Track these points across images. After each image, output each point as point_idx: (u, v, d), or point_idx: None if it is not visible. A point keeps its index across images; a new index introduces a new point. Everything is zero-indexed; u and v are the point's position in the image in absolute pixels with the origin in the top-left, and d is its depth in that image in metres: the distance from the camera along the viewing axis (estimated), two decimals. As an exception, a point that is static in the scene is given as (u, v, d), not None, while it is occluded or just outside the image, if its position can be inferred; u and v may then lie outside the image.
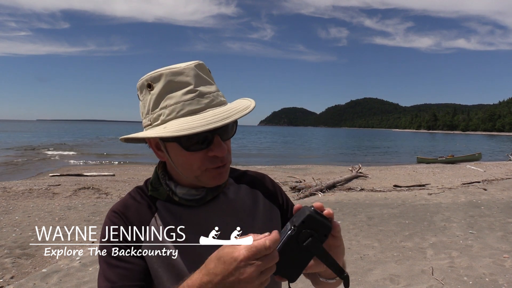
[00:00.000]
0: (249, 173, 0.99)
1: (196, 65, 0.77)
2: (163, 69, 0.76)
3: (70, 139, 48.89)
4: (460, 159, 22.91)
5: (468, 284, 3.80)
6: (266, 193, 0.95)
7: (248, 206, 0.90)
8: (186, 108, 0.74)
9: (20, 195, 8.85)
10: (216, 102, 0.76)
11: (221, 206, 0.86)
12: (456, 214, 6.84)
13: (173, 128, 0.71)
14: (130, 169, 17.89)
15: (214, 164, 0.78)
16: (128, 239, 0.80)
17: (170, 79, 0.74)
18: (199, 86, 0.75)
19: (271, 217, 0.93)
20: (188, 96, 0.74)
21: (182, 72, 0.74)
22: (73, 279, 3.91)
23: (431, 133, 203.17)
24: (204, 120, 0.71)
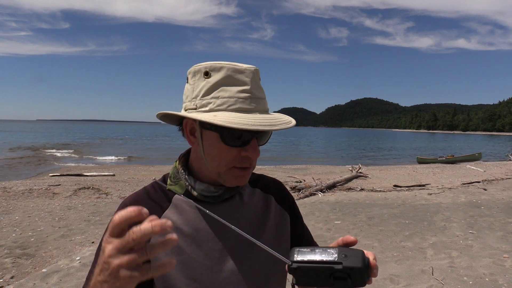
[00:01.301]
0: (264, 177, 1.01)
1: (255, 70, 0.80)
2: (225, 63, 0.79)
3: (70, 139, 48.90)
4: (460, 159, 22.92)
5: (468, 284, 3.80)
6: (279, 199, 0.98)
7: (260, 209, 0.92)
8: (237, 104, 0.76)
9: (20, 195, 8.85)
10: (263, 108, 0.79)
11: (236, 206, 0.88)
12: (456, 214, 6.84)
13: (224, 119, 0.73)
14: (130, 169, 17.89)
15: (242, 164, 0.80)
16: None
17: (230, 74, 0.77)
18: (254, 89, 0.78)
19: (282, 222, 0.95)
20: (242, 95, 0.77)
21: (243, 71, 0.78)
22: (73, 279, 3.91)
23: (431, 133, 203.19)
24: (254, 120, 0.74)
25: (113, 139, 53.85)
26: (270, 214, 0.93)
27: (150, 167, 19.34)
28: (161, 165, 20.51)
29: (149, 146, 41.10)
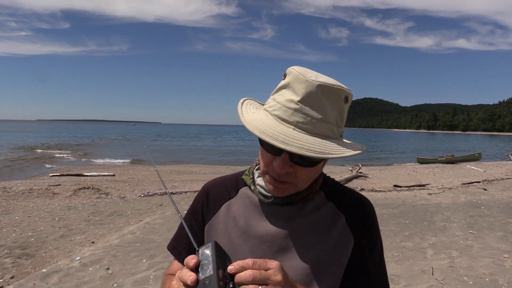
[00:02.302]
0: (348, 194, 0.90)
1: (321, 85, 0.71)
2: (298, 70, 0.74)
3: (70, 139, 48.88)
4: (460, 159, 22.93)
5: (468, 284, 3.80)
6: (351, 220, 0.85)
7: (322, 224, 0.84)
8: (279, 112, 0.74)
9: (20, 195, 8.85)
10: (306, 127, 0.72)
11: (293, 213, 0.84)
12: (456, 214, 6.84)
13: (252, 120, 0.74)
14: (130, 169, 17.89)
15: (272, 173, 0.78)
16: (199, 212, 0.94)
17: (292, 81, 0.74)
18: (306, 103, 0.71)
19: (342, 244, 0.83)
20: (287, 104, 0.73)
21: (303, 82, 0.72)
22: (73, 279, 3.91)
23: (431, 133, 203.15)
24: (276, 133, 0.70)
25: (113, 139, 53.83)
26: (333, 232, 0.83)
27: (150, 167, 19.34)
28: (161, 165, 20.51)
29: (154, 147, 41.08)
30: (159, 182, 12.29)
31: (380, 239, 0.88)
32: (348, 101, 0.77)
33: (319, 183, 0.87)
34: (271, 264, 0.62)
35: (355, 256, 0.82)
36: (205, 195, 0.96)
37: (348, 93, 0.75)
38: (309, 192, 0.84)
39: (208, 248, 0.65)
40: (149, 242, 5.21)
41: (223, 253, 0.67)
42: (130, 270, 4.18)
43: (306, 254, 0.80)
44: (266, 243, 0.83)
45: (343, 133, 0.80)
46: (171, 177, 14.26)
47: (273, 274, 0.61)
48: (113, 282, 3.83)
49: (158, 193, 9.79)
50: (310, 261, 0.80)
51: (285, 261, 0.81)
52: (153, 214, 7.16)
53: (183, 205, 7.98)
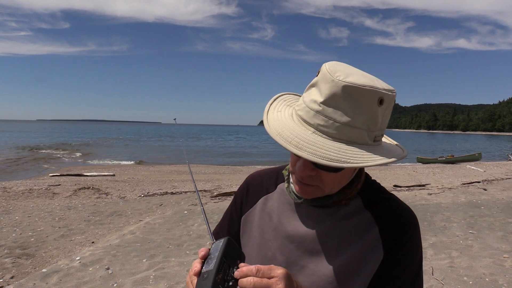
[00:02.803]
0: (387, 202, 0.82)
1: (349, 86, 0.65)
2: (329, 67, 0.69)
3: (70, 139, 48.90)
4: (460, 159, 22.94)
5: (468, 284, 3.80)
6: (385, 233, 0.77)
7: (351, 234, 0.79)
8: (302, 112, 0.70)
9: (20, 195, 8.85)
10: (328, 130, 0.67)
11: (324, 216, 0.81)
12: (456, 214, 6.84)
13: (277, 123, 0.72)
14: (130, 169, 17.90)
15: (296, 175, 0.77)
16: (239, 202, 0.96)
17: (319, 80, 0.70)
18: (329, 105, 0.66)
19: (371, 259, 0.77)
20: (311, 105, 0.69)
21: (328, 81, 0.67)
22: (73, 279, 3.91)
23: (431, 133, 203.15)
24: (291, 135, 0.67)
25: (113, 139, 53.82)
26: (363, 243, 0.77)
27: (150, 167, 19.35)
28: (161, 165, 20.51)
29: (156, 147, 41.06)
30: (159, 182, 12.29)
31: (418, 258, 0.78)
32: (384, 103, 0.68)
33: (356, 189, 0.80)
34: (275, 273, 0.62)
35: (382, 271, 0.76)
36: (246, 187, 0.97)
37: (383, 94, 0.67)
38: (342, 197, 0.79)
39: (220, 244, 0.67)
40: (149, 242, 5.21)
41: (236, 251, 0.68)
42: (130, 270, 4.18)
43: (332, 261, 0.77)
44: (294, 243, 0.82)
45: (380, 137, 0.73)
46: (171, 177, 14.26)
47: (275, 283, 0.60)
48: (113, 282, 3.83)
49: (158, 193, 9.79)
50: (334, 269, 0.77)
51: (310, 264, 0.79)
52: (153, 214, 7.16)
53: (183, 205, 7.98)
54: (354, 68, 0.71)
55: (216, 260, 0.64)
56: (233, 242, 0.68)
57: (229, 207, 0.99)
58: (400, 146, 0.79)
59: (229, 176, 14.81)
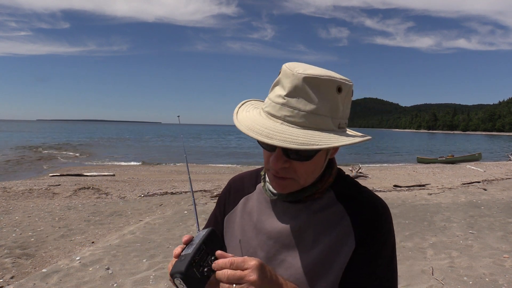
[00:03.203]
0: (360, 195, 0.85)
1: (308, 77, 0.70)
2: (288, 65, 0.75)
3: (70, 139, 48.89)
4: (460, 159, 22.93)
5: (468, 284, 3.80)
6: (357, 223, 0.80)
7: (325, 227, 0.81)
8: (269, 108, 0.75)
9: (20, 195, 8.85)
10: (295, 120, 0.71)
11: (298, 211, 0.84)
12: (456, 214, 6.84)
13: (247, 120, 0.76)
14: (130, 169, 17.90)
15: (272, 170, 0.79)
16: (222, 204, 1.01)
17: (281, 77, 0.75)
18: (292, 97, 0.71)
19: (343, 250, 0.79)
20: (276, 99, 0.74)
21: (289, 76, 0.72)
22: (73, 279, 3.91)
23: (431, 133, 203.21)
24: (262, 128, 0.71)
25: (113, 139, 53.82)
26: (336, 235, 0.80)
27: (150, 167, 19.36)
28: (161, 165, 20.52)
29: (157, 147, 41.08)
30: (159, 182, 12.29)
31: (389, 248, 0.81)
32: (343, 91, 0.73)
33: (327, 182, 0.84)
34: (248, 264, 0.65)
35: (354, 261, 0.78)
36: (228, 189, 1.02)
37: (341, 82, 0.72)
38: (315, 191, 0.82)
39: (202, 233, 0.73)
40: (149, 242, 5.21)
41: (218, 242, 0.73)
42: (130, 270, 4.18)
43: (307, 254, 0.80)
44: (272, 239, 0.85)
45: (345, 124, 0.77)
46: (171, 177, 14.26)
47: (248, 274, 0.64)
48: (113, 282, 3.83)
49: (158, 193, 9.79)
50: (310, 261, 0.79)
51: (288, 258, 0.82)
52: (153, 214, 7.16)
53: (183, 205, 7.98)
54: (312, 66, 0.77)
55: (195, 246, 0.69)
56: (216, 233, 0.74)
57: (213, 209, 1.04)
58: (364, 135, 0.81)
59: (229, 176, 14.78)
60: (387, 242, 0.81)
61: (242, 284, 0.63)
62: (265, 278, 0.65)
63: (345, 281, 0.77)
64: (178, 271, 0.65)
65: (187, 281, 0.65)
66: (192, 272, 0.66)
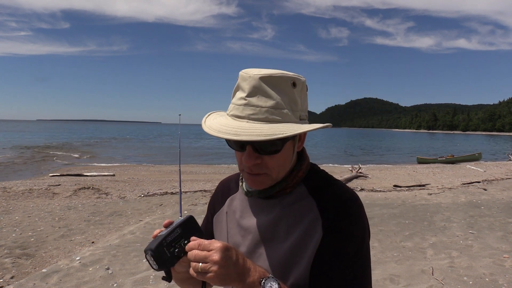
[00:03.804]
0: (331, 188, 0.87)
1: (263, 77, 0.77)
2: (244, 70, 0.81)
3: (70, 139, 48.89)
4: (460, 159, 22.93)
5: (468, 284, 3.80)
6: (324, 214, 0.82)
7: (295, 219, 0.85)
8: (233, 111, 0.80)
9: (20, 195, 8.85)
10: (258, 117, 0.76)
11: (271, 206, 0.89)
12: (456, 214, 6.84)
13: (215, 124, 0.80)
14: (130, 169, 17.90)
15: (246, 169, 0.84)
16: (212, 205, 1.08)
17: (239, 81, 0.81)
18: (252, 96, 0.77)
19: (311, 240, 0.81)
20: (238, 102, 0.79)
21: (246, 79, 0.78)
22: (73, 279, 3.91)
23: (431, 133, 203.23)
24: (228, 128, 0.76)
25: (113, 139, 53.81)
26: (305, 226, 0.83)
27: (150, 167, 19.35)
28: (161, 165, 20.51)
29: (157, 147, 41.07)
30: (159, 182, 12.29)
31: (357, 238, 0.81)
32: (297, 85, 0.80)
33: (297, 177, 0.88)
34: (213, 246, 0.71)
35: (321, 251, 0.80)
36: (217, 191, 1.09)
37: (294, 78, 0.79)
38: (285, 185, 0.87)
39: (181, 218, 0.79)
40: (149, 242, 5.21)
41: (195, 228, 0.79)
42: (130, 270, 4.18)
43: (281, 246, 0.84)
44: (250, 234, 0.90)
45: (306, 116, 0.83)
46: (171, 177, 14.26)
47: (211, 254, 0.70)
48: (113, 282, 3.83)
49: (158, 193, 9.79)
50: (283, 252, 0.84)
51: (264, 251, 0.87)
52: (153, 214, 7.16)
53: (183, 205, 7.98)
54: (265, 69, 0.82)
55: (170, 228, 0.76)
56: (194, 220, 0.80)
57: (206, 212, 1.13)
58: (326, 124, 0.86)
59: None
60: (353, 232, 0.82)
61: (206, 263, 0.69)
62: (229, 259, 0.70)
63: (314, 269, 0.80)
64: (149, 248, 0.73)
65: (156, 258, 0.73)
66: (162, 251, 0.73)
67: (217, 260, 0.69)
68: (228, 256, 0.70)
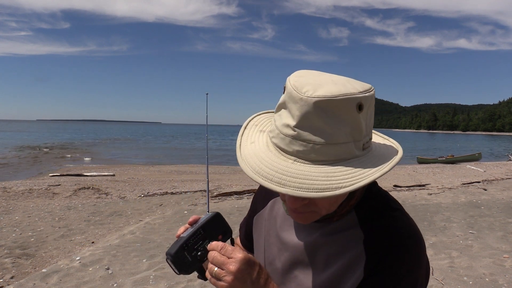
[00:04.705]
0: (385, 220, 0.72)
1: (320, 101, 0.58)
2: (294, 82, 0.62)
3: (70, 139, 48.90)
4: (460, 159, 22.93)
5: (468, 284, 3.80)
6: (370, 252, 0.70)
7: (339, 250, 0.73)
8: (277, 139, 0.64)
9: (20, 195, 8.85)
10: (309, 156, 0.60)
11: (315, 230, 0.77)
12: (456, 214, 6.84)
13: (253, 158, 0.65)
14: (130, 169, 17.89)
15: (287, 205, 0.71)
16: (255, 202, 0.99)
17: (286, 99, 0.63)
18: (304, 127, 0.60)
19: (350, 277, 0.71)
20: (284, 130, 0.62)
21: (297, 101, 0.60)
22: (73, 279, 3.91)
23: (431, 133, 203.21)
24: (271, 171, 0.61)
25: (113, 139, 53.80)
26: (347, 261, 0.72)
27: (150, 167, 19.35)
28: (161, 165, 20.51)
29: (157, 147, 41.06)
30: (159, 182, 12.29)
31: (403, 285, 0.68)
32: (364, 107, 0.61)
33: (348, 206, 0.73)
34: (234, 255, 0.64)
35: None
36: (261, 188, 0.97)
37: (361, 98, 0.60)
38: (334, 215, 0.74)
39: (206, 216, 0.74)
40: (149, 242, 5.21)
41: (221, 227, 0.74)
42: (130, 270, 4.18)
43: (318, 276, 0.75)
44: (288, 251, 0.81)
45: (369, 142, 0.66)
46: (171, 177, 14.26)
47: (230, 262, 0.63)
48: (113, 282, 3.83)
49: (158, 193, 9.79)
50: (318, 284, 0.74)
51: (300, 275, 0.78)
52: (153, 214, 7.16)
53: (183, 205, 7.98)
54: (322, 75, 0.65)
55: (193, 229, 0.71)
56: (221, 218, 0.74)
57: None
58: (391, 141, 0.73)
59: (229, 176, 14.80)
60: (401, 280, 0.67)
61: (222, 270, 0.64)
62: (247, 275, 0.63)
63: None
64: (169, 253, 0.69)
65: (176, 264, 0.68)
66: (183, 255, 0.68)
67: (233, 271, 0.62)
68: (246, 271, 0.63)
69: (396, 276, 0.67)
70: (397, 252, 0.68)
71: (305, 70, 0.68)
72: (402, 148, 0.71)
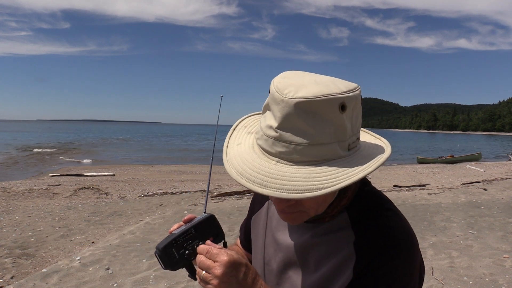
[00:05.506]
0: (376, 221, 0.71)
1: (301, 102, 0.57)
2: (277, 84, 0.62)
3: (70, 139, 48.90)
4: (460, 159, 22.94)
5: (468, 284, 3.80)
6: (360, 252, 0.69)
7: (328, 250, 0.73)
8: (261, 141, 0.64)
9: (20, 195, 8.85)
10: (292, 157, 0.60)
11: (307, 230, 0.77)
12: (456, 214, 6.84)
13: (235, 160, 0.66)
14: (130, 169, 17.90)
15: (274, 206, 0.73)
16: (253, 202, 1.00)
17: (270, 101, 0.63)
18: (285, 128, 0.59)
19: (339, 278, 0.70)
20: (268, 132, 0.62)
21: (279, 103, 0.59)
22: (73, 279, 3.91)
23: (431, 133, 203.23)
24: (253, 173, 0.61)
25: (113, 139, 53.80)
26: (336, 260, 0.71)
27: (150, 167, 19.36)
28: (161, 165, 20.51)
29: (157, 147, 41.06)
30: (159, 182, 12.29)
31: (397, 286, 0.67)
32: (348, 108, 0.60)
33: (339, 206, 0.72)
34: (219, 258, 0.64)
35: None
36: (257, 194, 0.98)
37: (343, 98, 0.59)
38: (325, 215, 0.73)
39: (201, 216, 0.74)
40: (149, 242, 5.21)
41: (214, 229, 0.74)
42: (130, 270, 4.18)
43: (308, 277, 0.76)
44: (282, 252, 0.81)
45: (356, 142, 0.65)
46: (171, 177, 14.26)
47: (214, 267, 0.64)
48: (113, 282, 3.83)
49: (158, 193, 9.79)
50: (309, 284, 0.75)
51: (293, 276, 0.78)
52: (153, 214, 7.16)
53: (183, 205, 7.98)
54: (307, 76, 0.64)
55: (184, 228, 0.71)
56: (214, 220, 0.75)
57: None
58: (382, 140, 0.71)
59: (229, 176, 14.75)
60: (389, 282, 0.66)
61: (209, 274, 0.64)
62: (232, 277, 0.63)
63: None
64: (158, 247, 0.70)
65: (163, 259, 0.69)
66: (170, 252, 0.69)
67: (219, 275, 0.63)
68: (232, 273, 0.63)
69: (389, 276, 0.66)
70: (390, 252, 0.67)
71: (292, 71, 0.67)
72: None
